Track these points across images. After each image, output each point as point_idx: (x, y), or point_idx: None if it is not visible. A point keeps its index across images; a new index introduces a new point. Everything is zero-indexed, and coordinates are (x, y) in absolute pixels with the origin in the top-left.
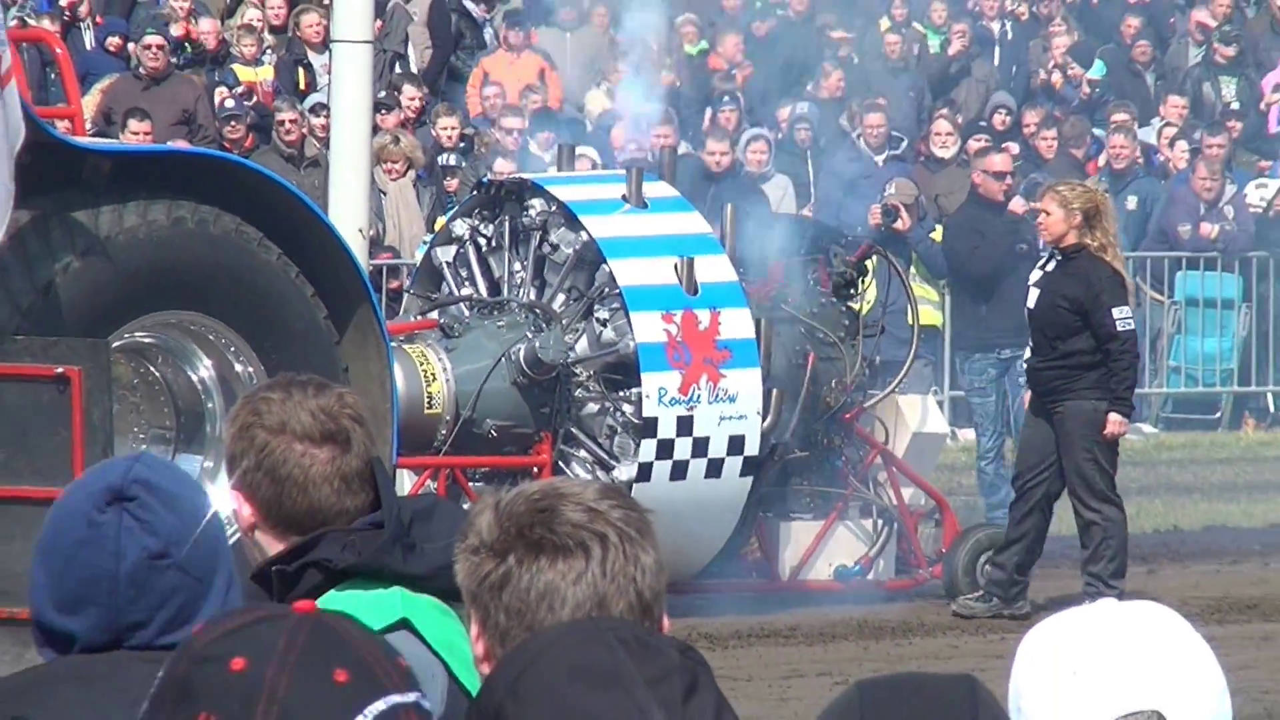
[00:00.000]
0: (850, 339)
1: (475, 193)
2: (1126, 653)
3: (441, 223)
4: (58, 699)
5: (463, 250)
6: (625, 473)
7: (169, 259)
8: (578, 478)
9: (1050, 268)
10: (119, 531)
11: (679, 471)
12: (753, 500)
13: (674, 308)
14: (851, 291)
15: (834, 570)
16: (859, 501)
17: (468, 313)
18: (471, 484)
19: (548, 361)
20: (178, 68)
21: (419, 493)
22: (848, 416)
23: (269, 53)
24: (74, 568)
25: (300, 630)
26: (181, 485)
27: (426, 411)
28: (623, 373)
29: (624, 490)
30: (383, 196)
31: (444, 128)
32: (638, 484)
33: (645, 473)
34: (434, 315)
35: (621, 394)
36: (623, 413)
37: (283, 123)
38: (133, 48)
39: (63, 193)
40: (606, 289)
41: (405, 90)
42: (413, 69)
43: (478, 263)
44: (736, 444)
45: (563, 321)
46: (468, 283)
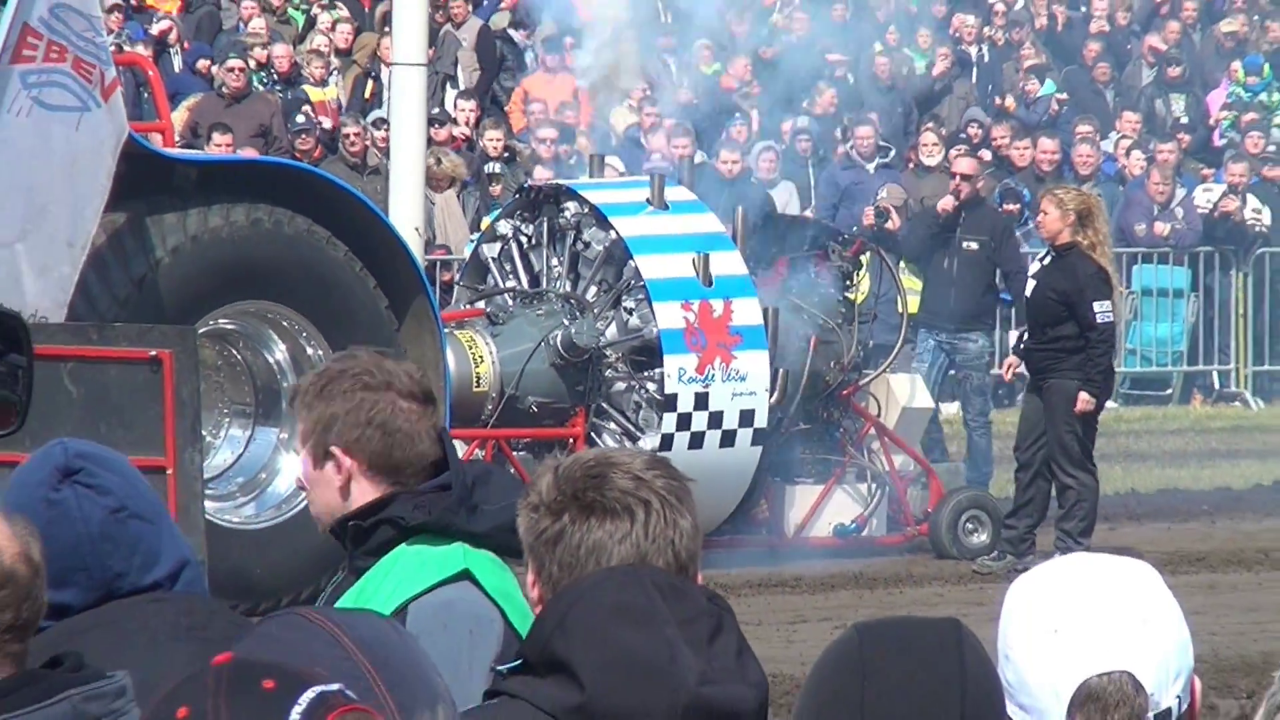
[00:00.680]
0: (847, 325)
1: (517, 196)
2: (1103, 615)
3: (487, 223)
4: (89, 644)
5: (506, 247)
6: (649, 443)
7: (248, 255)
8: (620, 447)
9: (1046, 262)
10: (79, 500)
11: (696, 441)
12: (762, 467)
13: (692, 298)
14: (848, 283)
15: (833, 528)
16: (855, 468)
17: (511, 302)
18: (515, 453)
19: (581, 345)
20: (260, 85)
21: (469, 460)
22: (845, 393)
23: (335, 74)
24: (51, 545)
25: (222, 671)
26: (108, 451)
27: (475, 389)
28: (647, 355)
29: (668, 461)
30: (432, 206)
31: (490, 139)
32: (660, 453)
33: (667, 443)
34: (481, 305)
35: (646, 374)
36: (647, 390)
37: (348, 135)
38: (216, 70)
39: (155, 197)
40: (633, 281)
41: (459, 105)
42: (462, 88)
43: (519, 258)
44: (747, 417)
45: (594, 310)
46: (511, 276)
